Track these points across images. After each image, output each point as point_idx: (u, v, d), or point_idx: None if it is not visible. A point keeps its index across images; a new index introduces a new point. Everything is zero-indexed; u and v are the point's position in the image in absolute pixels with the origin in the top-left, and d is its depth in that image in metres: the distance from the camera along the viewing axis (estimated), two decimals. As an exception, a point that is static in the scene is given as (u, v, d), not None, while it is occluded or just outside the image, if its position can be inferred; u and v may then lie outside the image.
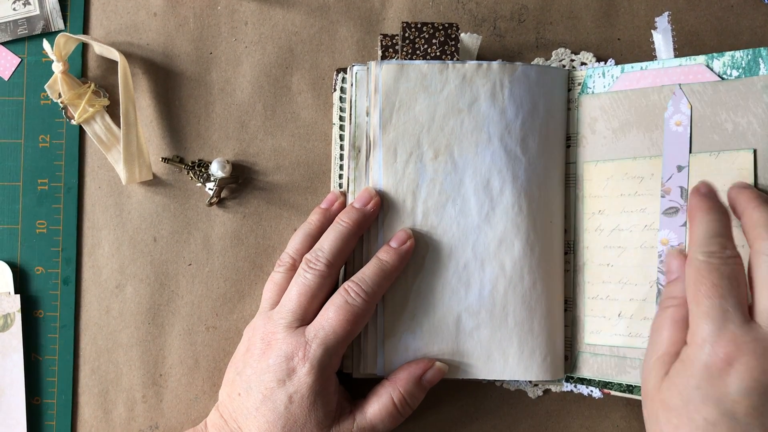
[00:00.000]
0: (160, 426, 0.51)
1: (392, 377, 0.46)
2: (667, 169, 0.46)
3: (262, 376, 0.44)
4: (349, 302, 0.44)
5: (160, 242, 0.52)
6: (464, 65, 0.47)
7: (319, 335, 0.43)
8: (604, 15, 0.52)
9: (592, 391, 0.49)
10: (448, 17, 0.52)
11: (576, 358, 0.49)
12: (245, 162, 0.52)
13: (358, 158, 0.48)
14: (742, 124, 0.44)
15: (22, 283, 0.51)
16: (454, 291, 0.47)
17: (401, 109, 0.47)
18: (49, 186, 0.52)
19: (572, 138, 0.49)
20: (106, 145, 0.51)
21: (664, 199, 0.46)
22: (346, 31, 0.52)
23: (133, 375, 0.51)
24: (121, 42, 0.52)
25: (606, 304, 0.48)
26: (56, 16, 0.52)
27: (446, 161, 0.47)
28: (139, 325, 0.52)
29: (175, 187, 0.52)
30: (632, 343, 0.47)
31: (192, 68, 0.52)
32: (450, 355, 0.47)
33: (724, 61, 0.45)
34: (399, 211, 0.47)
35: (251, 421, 0.44)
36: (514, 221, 0.47)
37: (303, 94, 0.52)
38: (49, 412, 0.51)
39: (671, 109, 0.46)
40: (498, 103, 0.47)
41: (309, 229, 0.48)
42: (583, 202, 0.49)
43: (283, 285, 0.47)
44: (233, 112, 0.52)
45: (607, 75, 0.48)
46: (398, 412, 0.46)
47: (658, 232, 0.46)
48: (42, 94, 0.52)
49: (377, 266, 0.45)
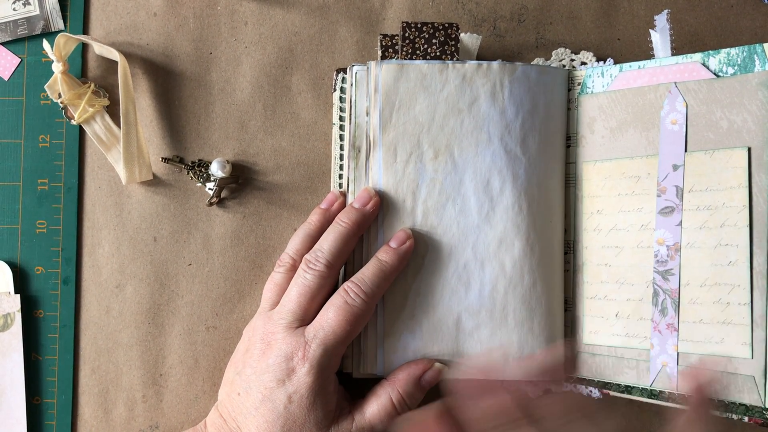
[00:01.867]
0: (160, 426, 0.51)
1: (391, 377, 0.46)
2: (662, 168, 0.46)
3: (262, 376, 0.44)
4: (349, 303, 0.44)
5: (160, 242, 0.52)
6: (464, 65, 0.47)
7: (318, 335, 0.43)
8: (604, 15, 0.52)
9: (591, 392, 0.49)
10: (448, 17, 0.52)
11: (575, 358, 0.49)
12: (245, 162, 0.52)
13: (358, 158, 0.48)
14: (737, 122, 0.44)
15: (22, 283, 0.51)
16: (454, 291, 0.47)
17: (401, 109, 0.47)
18: (49, 186, 0.52)
19: (572, 138, 0.49)
20: (106, 145, 0.51)
21: (660, 199, 0.46)
22: (346, 31, 0.52)
23: (133, 375, 0.51)
24: (121, 42, 0.52)
25: (604, 304, 0.48)
26: (56, 16, 0.52)
27: (446, 161, 0.47)
28: (139, 325, 0.52)
29: (175, 187, 0.52)
30: (629, 343, 0.47)
31: (192, 68, 0.52)
32: (450, 355, 0.47)
33: (720, 59, 0.44)
34: (399, 211, 0.47)
35: (250, 421, 0.44)
36: (514, 221, 0.47)
37: (303, 94, 0.52)
38: (49, 412, 0.51)
39: (667, 108, 0.46)
40: (498, 103, 0.47)
41: (309, 230, 0.48)
42: (582, 201, 0.49)
43: (283, 285, 0.47)
44: (233, 112, 0.52)
45: (605, 74, 0.48)
46: (397, 413, 0.46)
47: (654, 232, 0.46)
48: (42, 94, 0.52)
49: (377, 266, 0.45)
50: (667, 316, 0.45)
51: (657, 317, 0.45)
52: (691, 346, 0.44)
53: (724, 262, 0.43)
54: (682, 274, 0.45)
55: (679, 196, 0.45)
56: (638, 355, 0.46)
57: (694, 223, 0.44)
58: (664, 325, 0.45)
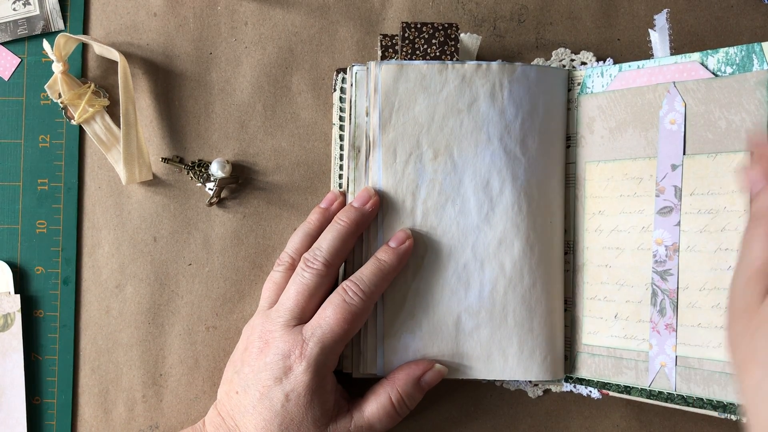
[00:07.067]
0: (160, 426, 0.51)
1: (391, 377, 0.46)
2: (661, 168, 0.46)
3: (260, 374, 0.44)
4: (347, 301, 0.44)
5: (160, 242, 0.52)
6: (464, 65, 0.47)
7: (316, 334, 0.43)
8: (604, 15, 0.52)
9: (591, 392, 0.49)
10: (448, 17, 0.52)
11: (575, 358, 0.49)
12: (245, 162, 0.52)
13: (357, 158, 0.48)
14: (735, 122, 0.43)
15: (22, 283, 0.52)
16: (454, 291, 0.47)
17: (401, 110, 0.47)
18: (49, 186, 0.52)
19: (572, 138, 0.49)
20: (106, 145, 0.51)
21: (659, 199, 0.46)
22: (346, 31, 0.52)
23: (133, 375, 0.52)
24: (121, 42, 0.52)
25: (603, 304, 0.48)
26: (56, 16, 0.52)
27: (446, 161, 0.47)
28: (139, 325, 0.52)
29: (175, 187, 0.52)
30: (627, 344, 0.47)
31: (192, 68, 0.52)
32: (450, 356, 0.47)
33: (719, 58, 0.44)
34: (398, 211, 0.47)
35: (248, 419, 0.44)
36: (514, 221, 0.47)
37: (303, 94, 0.52)
38: (49, 412, 0.51)
39: (666, 108, 0.46)
40: (497, 104, 0.47)
41: (308, 229, 0.48)
42: (584, 202, 0.49)
43: (281, 284, 0.47)
44: (233, 112, 0.52)
45: (605, 74, 0.48)
46: (396, 413, 0.46)
47: (653, 232, 0.46)
48: (42, 94, 0.52)
49: (375, 266, 0.45)
50: (666, 317, 0.45)
51: (656, 317, 0.45)
52: (689, 350, 0.44)
53: (723, 266, 0.43)
54: (682, 278, 0.45)
55: (677, 196, 0.45)
56: (637, 355, 0.46)
57: (694, 227, 0.44)
58: (662, 326, 0.45)
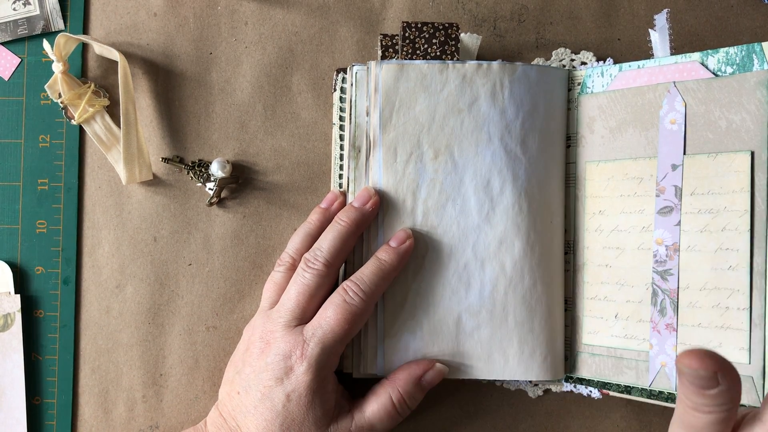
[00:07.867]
0: (160, 426, 0.51)
1: (392, 377, 0.46)
2: (661, 167, 0.46)
3: (261, 375, 0.44)
4: (348, 301, 0.44)
5: (160, 242, 0.52)
6: (464, 65, 0.47)
7: (317, 334, 0.43)
8: (604, 15, 0.52)
9: (591, 392, 0.49)
10: (448, 17, 0.52)
11: (575, 358, 0.49)
12: (245, 162, 0.52)
13: (358, 158, 0.48)
14: (735, 122, 0.43)
15: (22, 283, 0.52)
16: (455, 291, 0.47)
17: (401, 109, 0.47)
18: (49, 186, 0.52)
19: (572, 138, 0.49)
20: (106, 145, 0.51)
21: (659, 198, 0.46)
22: (346, 31, 0.52)
23: (133, 375, 0.51)
24: (121, 42, 0.52)
25: (604, 304, 0.48)
26: (56, 16, 0.52)
27: (446, 161, 0.47)
28: (139, 325, 0.52)
29: (175, 187, 0.52)
30: (628, 344, 0.47)
31: (192, 68, 0.52)
32: (450, 355, 0.47)
33: (719, 58, 0.44)
34: (399, 211, 0.47)
35: (250, 420, 0.44)
36: (515, 221, 0.47)
37: (303, 94, 0.52)
38: (49, 412, 0.51)
39: (666, 107, 0.46)
40: (498, 103, 0.47)
41: (309, 229, 0.48)
42: (584, 202, 0.49)
43: (282, 284, 0.47)
44: (233, 112, 0.52)
45: (605, 74, 0.48)
46: (397, 413, 0.46)
47: (653, 232, 0.46)
48: (42, 94, 0.52)
49: (376, 266, 0.45)
50: (666, 317, 0.45)
51: (656, 317, 0.45)
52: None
53: (724, 266, 0.43)
54: (682, 277, 0.45)
55: (677, 195, 0.45)
56: (637, 355, 0.46)
57: (695, 226, 0.44)
58: (663, 325, 0.45)
